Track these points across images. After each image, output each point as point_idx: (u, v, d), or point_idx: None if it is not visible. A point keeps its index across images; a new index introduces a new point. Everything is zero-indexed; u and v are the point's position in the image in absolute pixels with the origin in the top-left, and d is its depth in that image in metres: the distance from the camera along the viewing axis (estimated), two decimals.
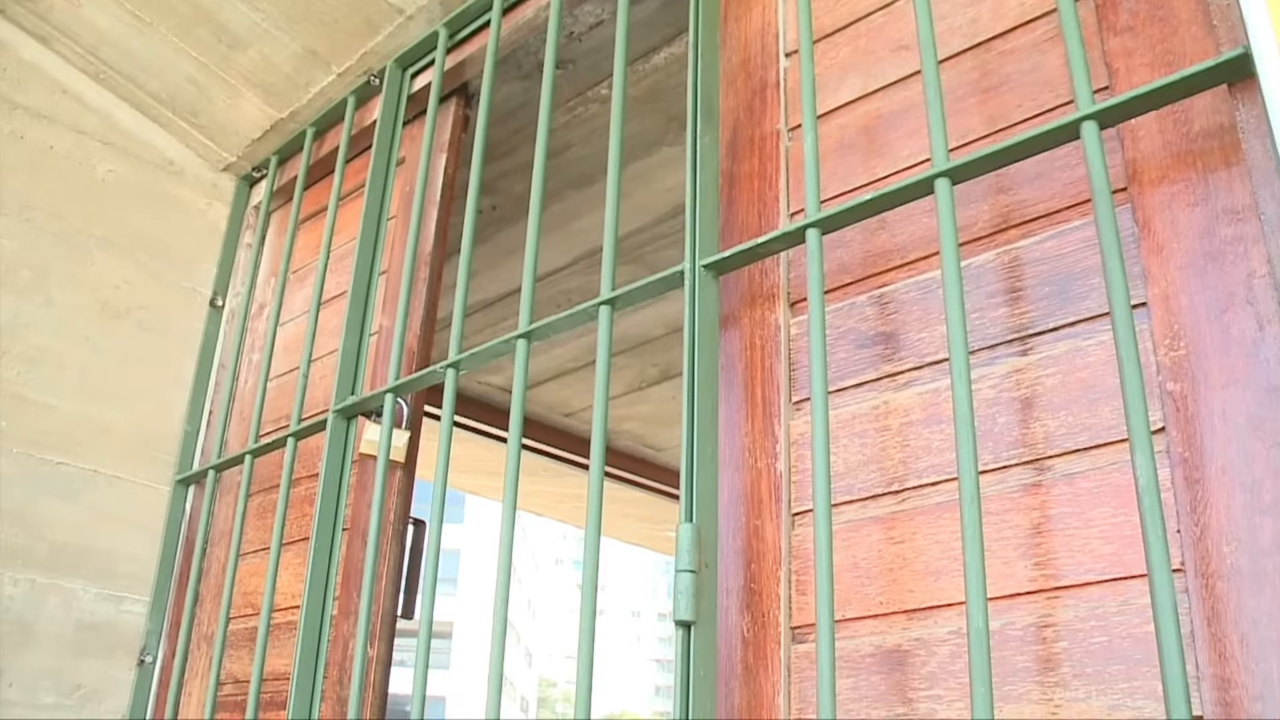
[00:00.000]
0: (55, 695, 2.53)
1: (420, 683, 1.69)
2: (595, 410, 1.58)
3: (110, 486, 2.69)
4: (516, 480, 1.68)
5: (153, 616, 2.69)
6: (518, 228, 3.40)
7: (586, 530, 1.54)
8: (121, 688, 2.63)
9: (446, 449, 1.85)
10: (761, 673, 1.42)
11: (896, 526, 1.38)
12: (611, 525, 6.38)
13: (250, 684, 2.14)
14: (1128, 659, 1.17)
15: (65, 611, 2.56)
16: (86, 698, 2.57)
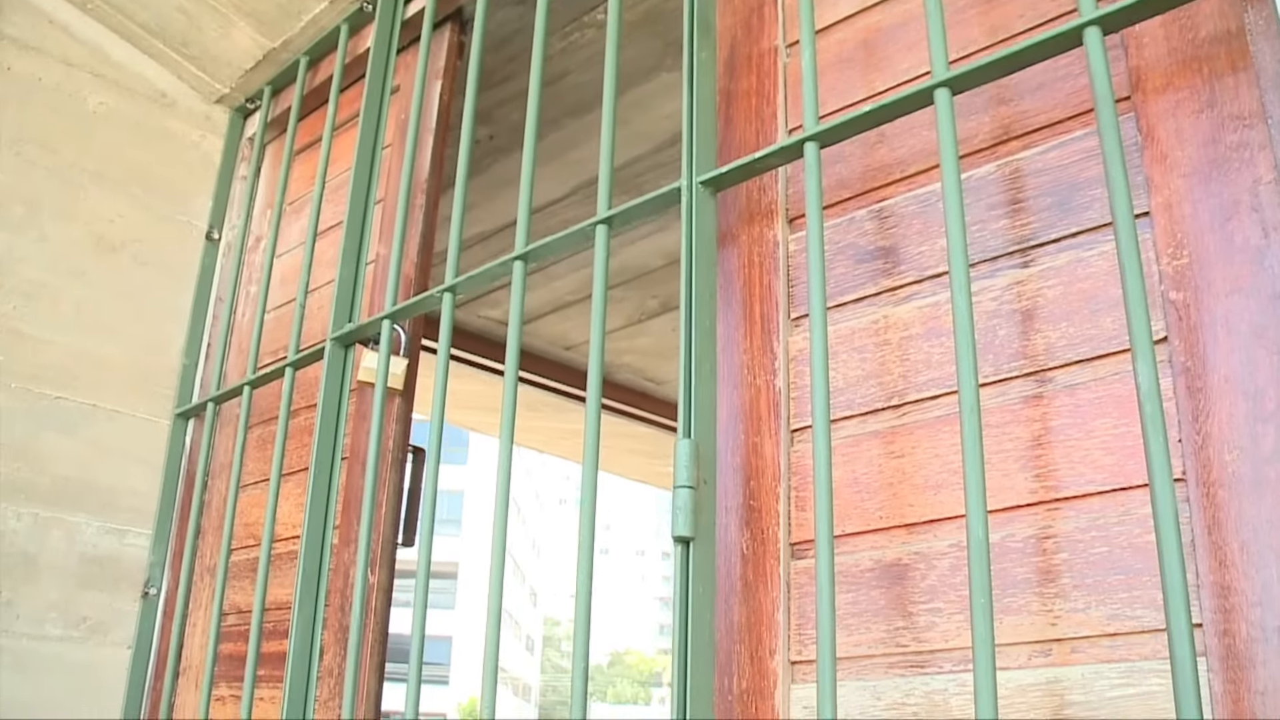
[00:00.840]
0: (62, 627, 2.54)
1: (420, 618, 1.69)
2: (592, 333, 1.57)
3: (110, 421, 2.69)
4: (514, 401, 1.67)
5: (155, 549, 2.70)
6: (515, 158, 3.37)
7: (585, 452, 1.53)
8: (127, 619, 2.64)
9: (444, 375, 1.84)
10: (761, 589, 1.42)
11: (896, 441, 1.37)
12: (613, 461, 6.39)
13: (252, 614, 2.15)
14: (1128, 569, 1.17)
15: (69, 545, 2.57)
16: (93, 629, 2.59)
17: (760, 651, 1.40)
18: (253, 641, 2.14)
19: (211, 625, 2.28)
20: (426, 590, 1.73)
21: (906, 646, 1.29)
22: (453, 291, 1.88)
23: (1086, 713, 1.16)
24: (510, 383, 1.69)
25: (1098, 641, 1.17)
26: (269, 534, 2.19)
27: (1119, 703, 1.14)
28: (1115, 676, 1.15)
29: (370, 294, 2.34)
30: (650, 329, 4.46)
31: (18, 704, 2.44)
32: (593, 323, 1.59)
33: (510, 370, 1.70)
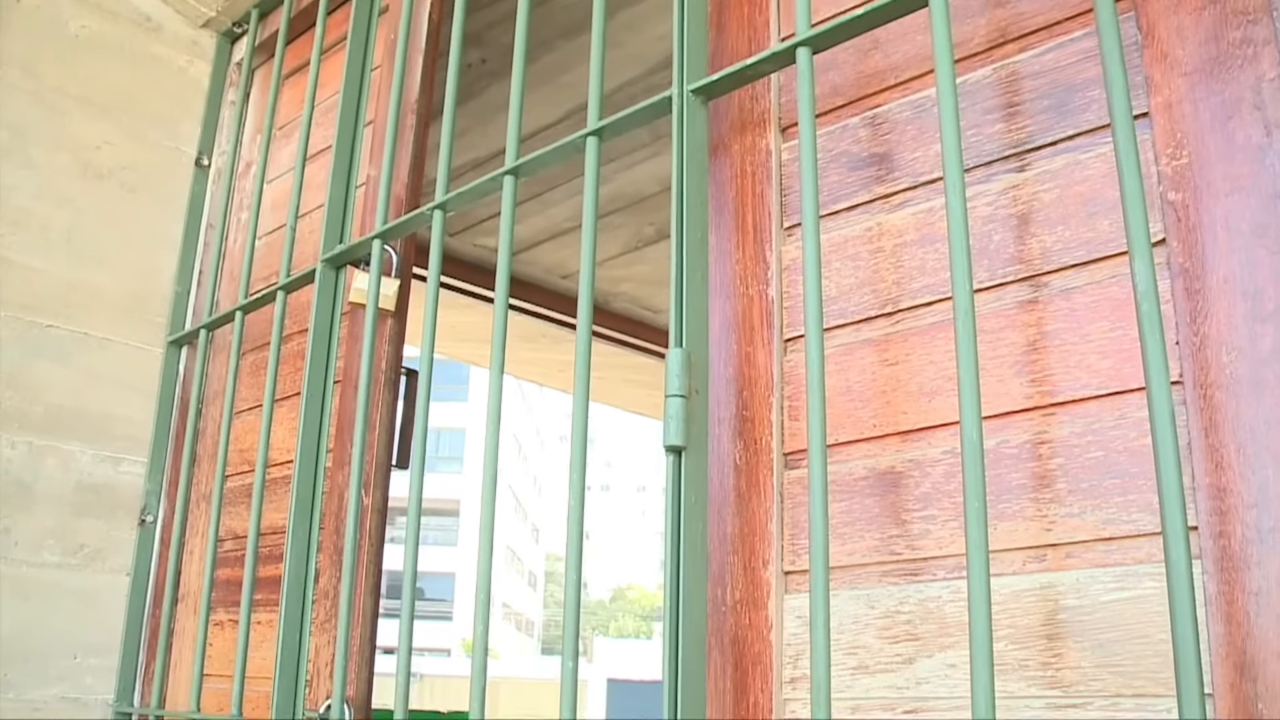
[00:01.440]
0: (60, 554, 2.54)
1: (412, 545, 1.69)
2: (583, 249, 1.55)
3: (102, 349, 2.67)
4: (505, 318, 1.65)
5: (151, 477, 2.69)
6: (507, 83, 3.32)
7: (576, 369, 1.52)
8: (124, 547, 2.64)
9: (434, 296, 1.81)
10: (754, 499, 1.41)
11: (890, 349, 1.36)
12: (610, 392, 6.39)
13: (248, 539, 2.15)
14: (1123, 473, 1.15)
15: (64, 473, 2.56)
16: (90, 557, 2.59)
17: (753, 562, 1.39)
18: (248, 566, 2.14)
19: (208, 551, 2.28)
20: (419, 517, 1.72)
21: (900, 554, 1.29)
22: (443, 209, 1.85)
23: (1080, 617, 1.15)
24: (501, 300, 1.67)
25: (1092, 546, 1.16)
26: (263, 459, 2.19)
27: (1113, 606, 1.13)
28: (1110, 581, 1.14)
29: (361, 217, 2.32)
30: (647, 256, 4.43)
31: (19, 629, 2.45)
32: (583, 238, 1.57)
33: (501, 287, 1.68)
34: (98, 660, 2.57)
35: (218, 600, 2.42)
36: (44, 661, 2.49)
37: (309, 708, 2.00)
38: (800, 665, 1.34)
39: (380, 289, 2.00)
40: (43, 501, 2.53)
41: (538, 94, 3.37)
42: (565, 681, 1.34)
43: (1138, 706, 1.10)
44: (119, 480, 2.66)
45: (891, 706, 1.26)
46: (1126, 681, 1.11)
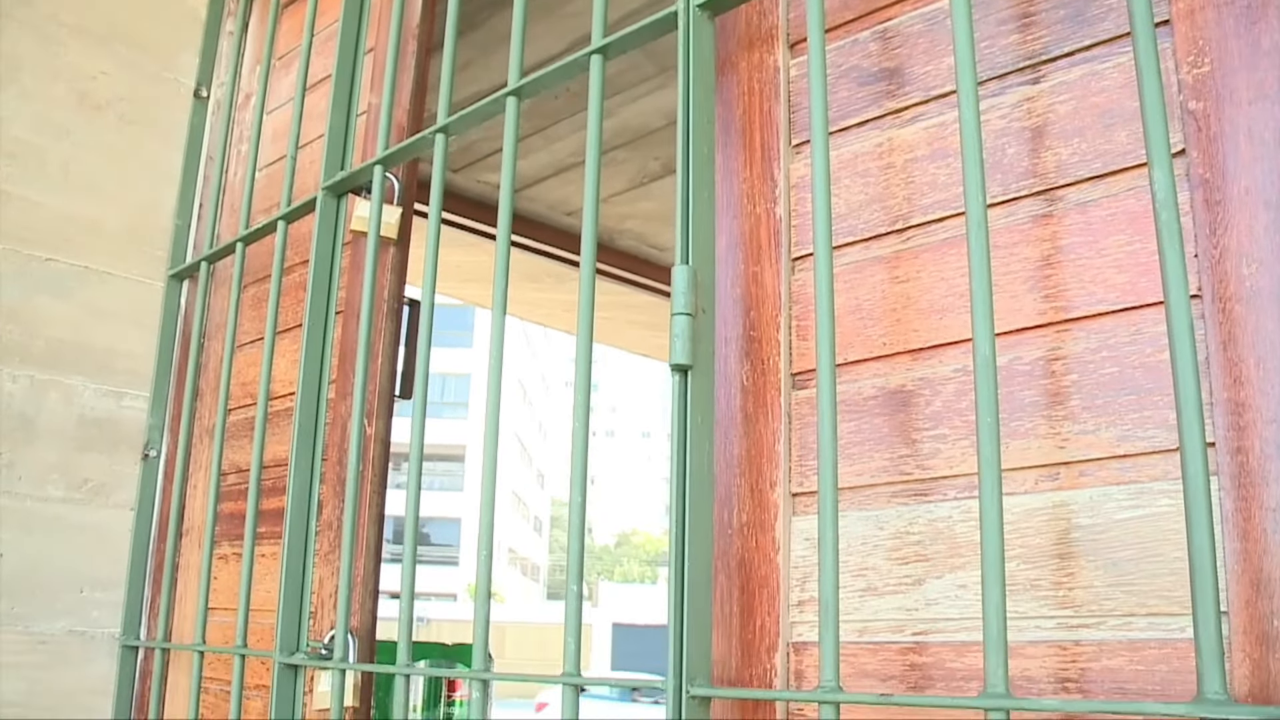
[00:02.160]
0: (64, 489, 2.53)
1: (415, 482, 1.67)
2: (587, 174, 1.52)
3: (102, 283, 2.65)
4: (508, 240, 1.62)
5: (154, 411, 2.68)
6: (509, 13, 3.26)
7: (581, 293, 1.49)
8: (128, 481, 2.63)
9: (436, 222, 1.78)
10: (761, 420, 1.39)
11: (900, 266, 1.33)
12: (615, 334, 6.36)
13: (251, 470, 2.13)
14: (1139, 389, 1.13)
15: (66, 407, 2.55)
16: (94, 491, 2.58)
17: (760, 484, 1.37)
18: (251, 499, 2.13)
19: (211, 485, 2.27)
20: (421, 446, 1.70)
21: (910, 474, 1.26)
22: (445, 132, 1.82)
23: (1094, 536, 1.13)
24: (504, 224, 1.64)
25: (1107, 464, 1.14)
26: (265, 392, 2.17)
27: (1128, 524, 1.11)
28: (1124, 498, 1.12)
29: (362, 146, 2.28)
30: (652, 192, 4.38)
31: (25, 563, 2.45)
32: (588, 164, 1.53)
33: (504, 213, 1.64)
34: (103, 594, 2.57)
35: (222, 534, 2.41)
36: (50, 595, 2.49)
37: (313, 639, 1.99)
38: (808, 588, 1.32)
39: (382, 216, 1.97)
40: (45, 436, 2.51)
41: (541, 24, 3.31)
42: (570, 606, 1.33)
43: (1151, 625, 1.08)
44: (121, 414, 2.64)
45: (900, 628, 1.24)
46: (1140, 601, 1.09)
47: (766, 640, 1.33)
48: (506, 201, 1.63)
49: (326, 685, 1.87)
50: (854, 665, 1.26)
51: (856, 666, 1.26)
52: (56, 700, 2.48)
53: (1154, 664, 1.07)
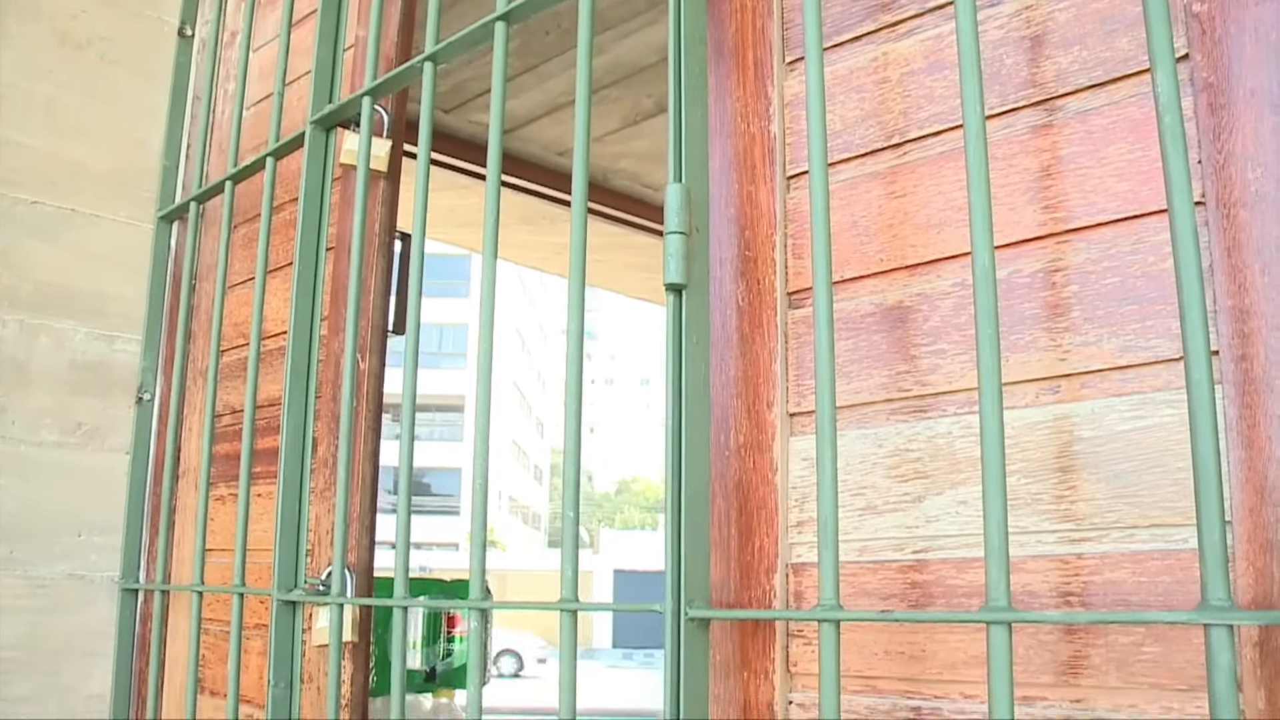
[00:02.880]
0: (58, 433, 2.51)
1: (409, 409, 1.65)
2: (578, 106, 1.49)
3: (91, 226, 2.61)
4: (499, 170, 1.60)
5: (146, 354, 2.65)
6: None
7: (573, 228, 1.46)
8: (122, 425, 2.62)
9: (427, 150, 1.75)
10: (758, 340, 1.37)
11: (897, 181, 1.30)
12: (613, 277, 6.33)
13: (244, 410, 2.11)
14: (1141, 298, 1.11)
15: (58, 351, 2.52)
16: (89, 435, 2.56)
17: (758, 404, 1.35)
18: (246, 438, 2.12)
19: (206, 427, 2.25)
20: (414, 379, 1.69)
21: (909, 391, 1.25)
22: (433, 60, 1.78)
23: (1095, 448, 1.12)
24: (495, 152, 1.61)
25: (1108, 375, 1.12)
26: (257, 331, 2.14)
27: (1130, 436, 1.10)
28: (1126, 409, 1.10)
29: (349, 80, 2.24)
30: (645, 130, 4.33)
31: (22, 507, 2.44)
32: (578, 90, 1.50)
33: (494, 139, 1.61)
34: (102, 538, 2.56)
35: (218, 475, 2.40)
36: (49, 539, 2.48)
37: (311, 576, 1.98)
38: (806, 508, 1.31)
39: (371, 150, 1.94)
40: (38, 380, 2.49)
41: None
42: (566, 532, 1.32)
43: (1153, 537, 1.07)
44: (114, 358, 2.62)
45: (901, 546, 1.23)
46: (1143, 513, 1.08)
47: (765, 562, 1.32)
48: (496, 130, 1.60)
49: (325, 621, 1.87)
50: (854, 585, 1.25)
51: (856, 586, 1.25)
52: (58, 643, 2.48)
53: (1157, 575, 1.06)
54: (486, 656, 2.18)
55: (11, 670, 2.41)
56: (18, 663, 2.41)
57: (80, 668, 2.51)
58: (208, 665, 2.32)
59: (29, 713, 2.42)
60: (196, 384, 2.54)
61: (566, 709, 1.33)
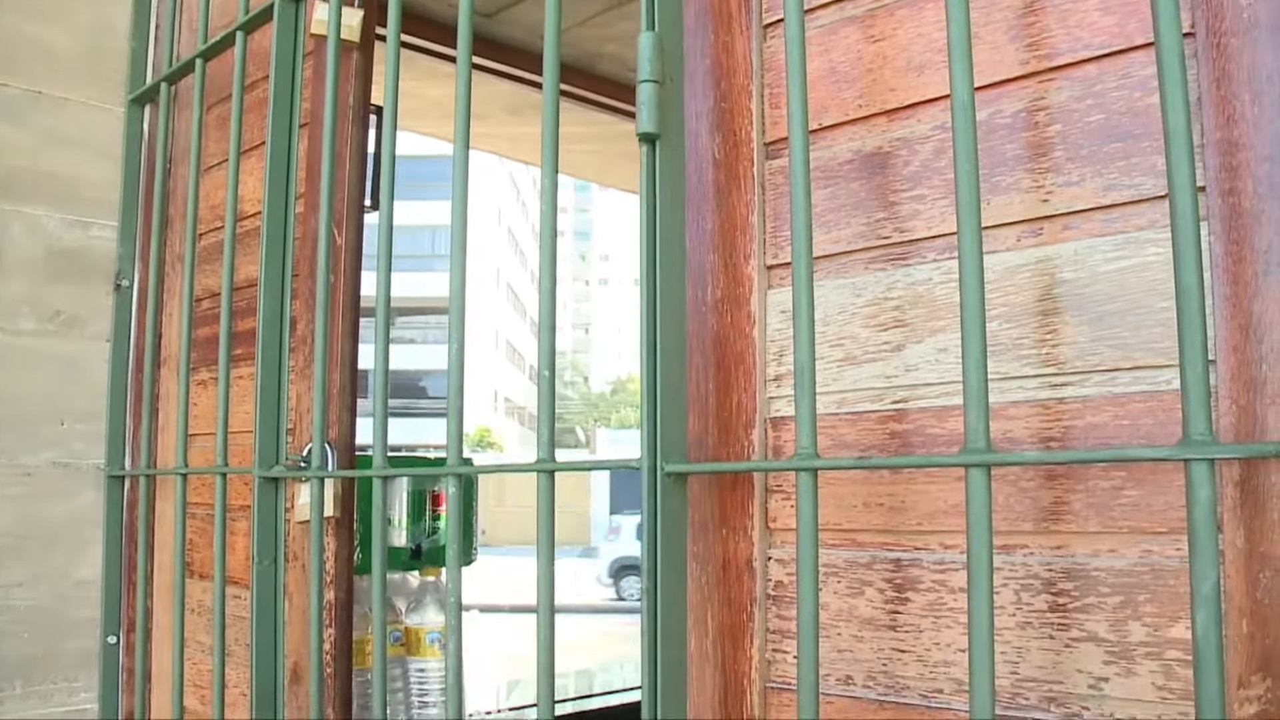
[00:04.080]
0: (35, 321, 2.48)
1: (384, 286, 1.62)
2: None
3: (59, 109, 2.55)
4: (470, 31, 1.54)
5: (123, 241, 2.61)
6: None
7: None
8: (101, 312, 2.59)
9: (396, 27, 1.69)
10: (734, 193, 1.34)
11: (876, 24, 1.26)
12: (603, 169, 6.24)
13: (222, 292, 2.08)
14: (1126, 135, 1.07)
15: (32, 238, 2.48)
16: (68, 323, 2.53)
17: (734, 258, 1.32)
18: (224, 320, 2.09)
19: (184, 311, 2.22)
20: (389, 251, 1.65)
21: (888, 238, 1.22)
22: None
23: (1078, 290, 1.09)
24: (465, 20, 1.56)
25: (1092, 215, 1.09)
26: (232, 211, 2.10)
27: (1113, 277, 1.07)
28: (1110, 249, 1.08)
29: None
30: (631, 12, 4.22)
31: (3, 396, 2.42)
32: None
33: None
34: (85, 426, 2.54)
35: (199, 360, 2.37)
36: (32, 427, 2.46)
37: (292, 453, 1.97)
38: (785, 362, 1.29)
39: (342, 19, 1.88)
40: (13, 268, 2.45)
41: None
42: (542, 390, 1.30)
43: (1136, 380, 1.05)
44: (90, 245, 2.58)
45: (880, 397, 1.21)
46: (1125, 354, 1.06)
47: (744, 417, 1.30)
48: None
49: (307, 498, 1.86)
50: (833, 437, 1.23)
51: (835, 438, 1.23)
52: (46, 531, 2.48)
53: (1139, 418, 1.04)
54: (472, 532, 2.18)
55: (2, 557, 2.41)
56: (7, 550, 2.41)
57: (70, 554, 2.51)
58: (195, 549, 2.32)
59: (22, 598, 2.43)
60: (175, 269, 2.51)
61: (544, 575, 1.33)
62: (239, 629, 2.13)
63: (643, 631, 1.24)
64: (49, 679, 2.47)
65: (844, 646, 1.22)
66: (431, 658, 2.14)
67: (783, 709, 1.27)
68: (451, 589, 1.45)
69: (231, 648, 2.14)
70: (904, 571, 1.17)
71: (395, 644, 2.11)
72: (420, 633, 2.14)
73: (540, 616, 1.31)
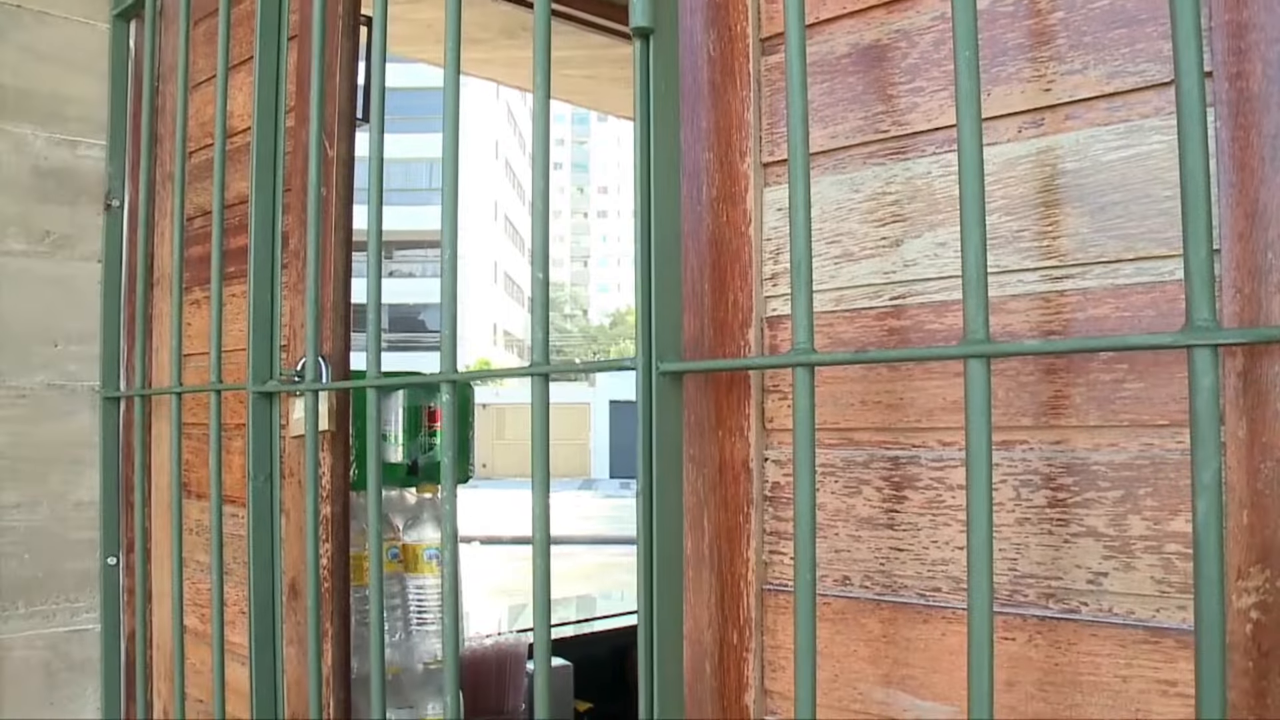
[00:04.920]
0: (25, 241, 2.46)
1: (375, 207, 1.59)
2: None
3: (40, 24, 2.50)
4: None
5: (112, 160, 2.58)
6: None
7: None
8: (91, 233, 2.56)
9: None
10: (729, 90, 1.31)
11: None
12: (601, 95, 6.15)
13: (213, 209, 2.05)
14: (1131, 20, 1.04)
15: (18, 156, 2.45)
16: (58, 244, 2.51)
17: (730, 156, 1.30)
18: (215, 238, 2.06)
19: (175, 231, 2.19)
20: (380, 170, 1.63)
21: (886, 133, 1.19)
22: None
23: (1080, 181, 1.07)
24: None
25: (1095, 104, 1.06)
26: (221, 126, 2.07)
27: (1116, 167, 1.05)
28: (1113, 140, 1.05)
29: None
30: None
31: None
32: None
33: None
34: (79, 347, 2.53)
35: (191, 279, 2.35)
36: (25, 349, 2.45)
37: (286, 368, 1.95)
38: (781, 260, 1.27)
39: None
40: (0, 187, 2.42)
41: None
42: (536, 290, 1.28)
43: (1139, 271, 1.03)
44: (79, 164, 2.54)
45: (877, 294, 1.19)
46: (1128, 245, 1.03)
47: (740, 316, 1.28)
48: None
49: (301, 413, 1.84)
50: (830, 335, 1.22)
51: (833, 336, 1.22)
52: (43, 452, 2.47)
53: (1141, 309, 1.02)
54: (469, 450, 2.17)
55: (0, 479, 2.41)
56: (5, 471, 2.41)
57: (67, 476, 2.50)
58: (191, 469, 2.32)
59: (21, 520, 2.43)
60: (165, 188, 2.48)
61: (539, 478, 1.32)
62: (236, 547, 2.12)
63: (638, 533, 1.23)
64: (51, 599, 2.48)
65: (841, 547, 1.21)
66: (429, 574, 2.14)
67: (780, 611, 1.26)
68: (447, 497, 1.44)
69: (230, 566, 2.14)
70: (902, 470, 1.16)
71: (393, 561, 2.11)
72: (418, 549, 2.13)
73: (535, 523, 1.31)
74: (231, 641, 2.10)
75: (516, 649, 2.44)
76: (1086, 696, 1.04)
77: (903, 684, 1.17)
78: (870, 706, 1.19)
